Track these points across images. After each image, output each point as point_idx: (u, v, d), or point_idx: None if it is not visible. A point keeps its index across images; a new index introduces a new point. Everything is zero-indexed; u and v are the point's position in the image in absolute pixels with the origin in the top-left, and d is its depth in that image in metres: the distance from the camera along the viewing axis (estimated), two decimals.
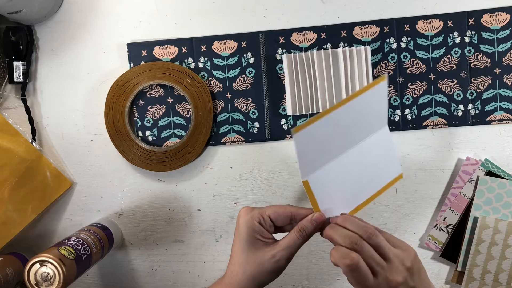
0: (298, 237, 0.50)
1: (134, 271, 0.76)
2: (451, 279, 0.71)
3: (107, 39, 0.74)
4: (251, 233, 0.50)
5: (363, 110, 0.49)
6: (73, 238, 0.65)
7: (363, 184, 0.53)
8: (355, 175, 0.52)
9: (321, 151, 0.50)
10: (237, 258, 0.51)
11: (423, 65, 0.71)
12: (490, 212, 0.69)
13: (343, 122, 0.49)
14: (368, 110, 0.50)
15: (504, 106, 0.70)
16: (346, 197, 0.52)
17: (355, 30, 0.71)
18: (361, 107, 0.49)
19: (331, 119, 0.48)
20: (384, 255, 0.48)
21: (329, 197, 0.51)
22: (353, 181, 0.52)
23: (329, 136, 0.49)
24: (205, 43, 0.73)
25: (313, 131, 0.47)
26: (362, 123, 0.50)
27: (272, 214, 0.51)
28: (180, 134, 0.74)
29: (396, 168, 0.55)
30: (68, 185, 0.74)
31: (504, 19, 0.70)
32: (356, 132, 0.51)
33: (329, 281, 0.74)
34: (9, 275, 0.66)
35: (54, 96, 0.75)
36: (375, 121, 0.52)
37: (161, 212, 0.75)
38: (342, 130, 0.49)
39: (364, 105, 0.49)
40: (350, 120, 0.49)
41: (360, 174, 0.52)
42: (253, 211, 0.51)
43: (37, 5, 0.69)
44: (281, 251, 0.50)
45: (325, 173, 0.51)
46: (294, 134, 0.46)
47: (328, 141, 0.49)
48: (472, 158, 0.70)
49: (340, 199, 0.52)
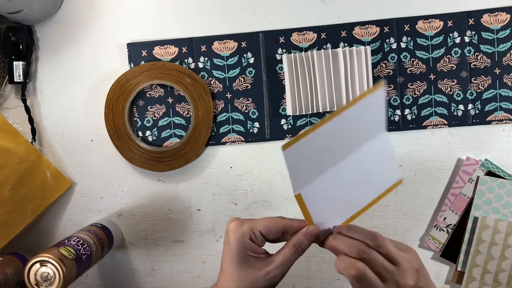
0: (293, 253, 0.48)
1: (134, 271, 0.76)
2: (451, 279, 0.71)
3: (107, 39, 0.74)
4: (242, 250, 0.48)
5: (358, 120, 0.47)
6: (73, 238, 0.65)
7: (359, 193, 0.50)
8: (351, 184, 0.50)
9: (313, 164, 0.47)
10: (229, 274, 0.49)
11: (423, 65, 0.71)
12: (490, 212, 0.69)
13: (336, 134, 0.47)
14: (364, 118, 0.48)
15: (504, 106, 0.70)
16: (341, 207, 0.50)
17: (355, 30, 0.71)
18: (356, 116, 0.46)
19: (323, 133, 0.45)
20: (393, 260, 0.46)
21: (323, 209, 0.49)
22: (349, 190, 0.50)
23: (321, 149, 0.47)
24: (205, 43, 0.73)
25: (303, 146, 0.45)
26: (357, 132, 0.48)
27: (263, 229, 0.48)
28: (180, 134, 0.74)
29: (394, 174, 0.52)
30: (68, 185, 0.74)
31: (504, 19, 0.70)
32: (350, 141, 0.48)
33: (329, 281, 0.74)
34: (9, 275, 0.66)
35: (54, 96, 0.75)
36: (372, 127, 0.49)
37: (161, 212, 0.75)
38: (335, 142, 0.47)
39: (358, 115, 0.47)
40: (343, 131, 0.47)
41: (356, 183, 0.50)
42: (243, 227, 0.48)
43: (37, 5, 0.69)
44: (275, 268, 0.48)
45: (319, 185, 0.48)
46: (283, 151, 0.44)
47: (320, 154, 0.47)
48: (472, 158, 0.70)
49: (334, 209, 0.50)
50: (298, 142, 0.45)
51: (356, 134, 0.48)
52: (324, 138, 0.46)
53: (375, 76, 0.71)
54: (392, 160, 0.51)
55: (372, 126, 0.48)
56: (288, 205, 0.74)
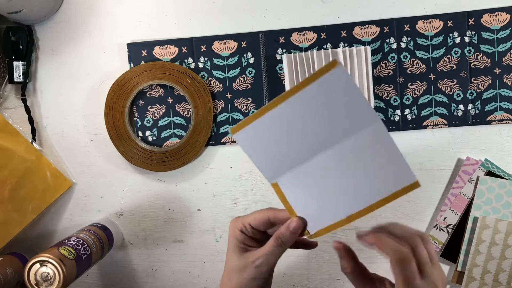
0: (276, 245, 0.49)
1: (134, 271, 0.76)
2: (451, 279, 0.71)
3: (107, 39, 0.74)
4: (235, 243, 0.51)
5: (326, 105, 0.44)
6: (73, 238, 0.65)
7: (357, 190, 0.47)
8: (342, 179, 0.47)
9: (282, 152, 0.45)
10: (227, 267, 0.52)
11: (423, 65, 0.71)
12: (490, 212, 0.69)
13: (300, 119, 0.44)
14: (334, 104, 0.44)
15: (504, 106, 0.70)
16: (334, 203, 0.48)
17: (355, 30, 0.71)
18: (319, 100, 0.43)
19: (277, 117, 0.43)
20: (433, 259, 0.47)
21: (308, 203, 0.48)
22: (341, 186, 0.47)
23: (284, 135, 0.45)
24: (205, 43, 0.73)
25: (257, 130, 0.44)
26: (333, 120, 0.45)
27: (252, 221, 0.50)
28: (180, 134, 0.74)
29: (407, 175, 0.46)
30: (68, 185, 0.74)
31: (504, 19, 0.70)
32: (328, 130, 0.45)
33: (329, 281, 0.74)
34: (9, 275, 0.66)
35: (54, 96, 0.75)
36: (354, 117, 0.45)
37: (161, 212, 0.75)
38: (304, 128, 0.44)
39: (322, 98, 0.43)
40: (309, 117, 0.44)
41: (350, 179, 0.47)
42: (237, 221, 0.52)
43: (37, 5, 0.69)
44: (260, 257, 0.49)
45: (299, 176, 0.47)
46: (232, 135, 0.43)
47: (286, 141, 0.45)
48: (472, 158, 0.70)
49: (325, 204, 0.48)
50: (247, 126, 0.44)
51: (333, 121, 0.45)
52: (282, 123, 0.44)
53: (375, 76, 0.71)
54: (397, 156, 0.46)
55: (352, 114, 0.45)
56: None
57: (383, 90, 0.71)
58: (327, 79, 0.42)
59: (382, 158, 0.46)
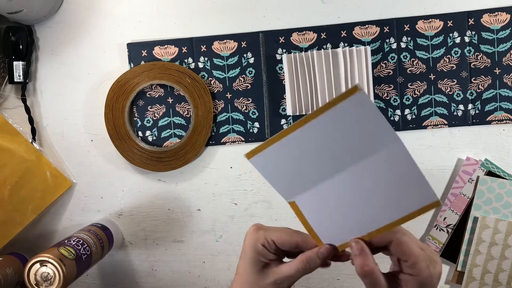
0: (302, 268, 0.48)
1: (134, 271, 0.76)
2: (451, 279, 0.71)
3: (107, 39, 0.74)
4: (255, 255, 0.49)
5: (346, 128, 0.44)
6: (73, 238, 0.65)
7: (376, 210, 0.47)
8: (360, 199, 0.47)
9: (299, 173, 0.46)
10: (241, 278, 0.50)
11: (423, 65, 0.71)
12: (490, 212, 0.69)
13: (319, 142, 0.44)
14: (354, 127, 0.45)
15: (504, 106, 0.70)
16: (354, 223, 0.48)
17: (355, 30, 0.71)
18: (339, 124, 0.44)
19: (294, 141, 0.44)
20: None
21: (326, 223, 0.48)
22: (359, 205, 0.47)
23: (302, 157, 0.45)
24: (205, 43, 0.73)
25: (272, 154, 0.44)
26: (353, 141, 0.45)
27: (277, 240, 0.49)
28: (180, 134, 0.74)
29: (427, 193, 0.46)
30: (68, 185, 0.74)
31: (504, 19, 0.70)
32: (348, 152, 0.46)
33: (329, 281, 0.74)
34: (9, 275, 0.66)
35: (54, 96, 0.75)
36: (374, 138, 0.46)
37: (161, 212, 0.75)
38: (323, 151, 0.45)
39: (343, 123, 0.44)
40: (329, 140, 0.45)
41: (372, 198, 0.47)
42: (258, 232, 0.49)
43: (37, 5, 0.69)
44: (283, 278, 0.49)
45: (317, 195, 0.47)
46: (248, 160, 0.44)
47: (304, 162, 0.45)
48: (472, 158, 0.70)
49: (345, 224, 0.48)
50: (263, 151, 0.44)
51: (352, 145, 0.46)
52: (300, 147, 0.44)
53: (375, 76, 0.71)
54: (418, 176, 0.46)
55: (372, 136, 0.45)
56: (288, 205, 0.73)
57: (383, 90, 0.71)
58: (348, 104, 0.43)
59: (403, 177, 0.46)
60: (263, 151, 0.44)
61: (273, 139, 0.44)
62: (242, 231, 0.74)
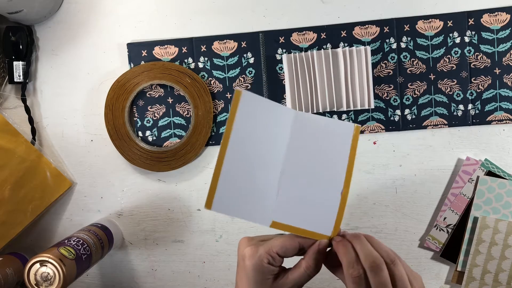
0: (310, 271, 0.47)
1: (134, 271, 0.76)
2: (451, 279, 0.72)
3: (107, 39, 0.74)
4: (262, 277, 0.46)
5: (254, 129, 0.46)
6: (73, 238, 0.65)
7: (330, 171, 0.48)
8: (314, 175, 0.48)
9: (256, 186, 0.46)
10: None
11: (423, 65, 0.71)
12: (490, 212, 0.69)
13: (249, 153, 0.46)
14: (259, 124, 0.47)
15: (504, 106, 0.70)
16: (324, 199, 0.48)
17: (355, 30, 0.71)
18: (250, 129, 0.46)
19: (231, 165, 0.45)
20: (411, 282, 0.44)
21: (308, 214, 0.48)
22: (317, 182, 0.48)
23: (247, 174, 0.46)
24: (205, 43, 0.73)
25: (225, 188, 0.45)
26: (270, 135, 0.47)
27: (280, 250, 0.47)
28: (180, 134, 0.74)
29: (346, 128, 0.49)
30: (68, 185, 0.74)
31: (504, 19, 0.70)
32: (271, 146, 0.47)
33: (329, 281, 0.74)
34: (9, 275, 0.66)
35: (54, 96, 0.75)
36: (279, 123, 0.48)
37: (161, 212, 0.75)
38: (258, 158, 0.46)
39: (249, 126, 0.46)
40: (255, 145, 0.46)
41: (319, 168, 0.48)
42: (259, 251, 0.47)
43: (37, 5, 0.69)
44: (294, 286, 0.47)
45: (284, 198, 0.47)
46: (211, 209, 0.45)
47: (252, 176, 0.46)
48: (472, 158, 0.70)
49: (318, 206, 0.48)
50: (216, 192, 0.45)
51: (269, 139, 0.47)
52: (238, 167, 0.46)
53: (375, 76, 0.71)
54: (331, 122, 0.49)
55: (277, 122, 0.47)
56: None
57: (383, 90, 0.71)
58: (242, 109, 0.47)
59: (323, 133, 0.49)
60: (216, 191, 0.45)
61: (214, 177, 0.45)
62: (242, 231, 0.74)
